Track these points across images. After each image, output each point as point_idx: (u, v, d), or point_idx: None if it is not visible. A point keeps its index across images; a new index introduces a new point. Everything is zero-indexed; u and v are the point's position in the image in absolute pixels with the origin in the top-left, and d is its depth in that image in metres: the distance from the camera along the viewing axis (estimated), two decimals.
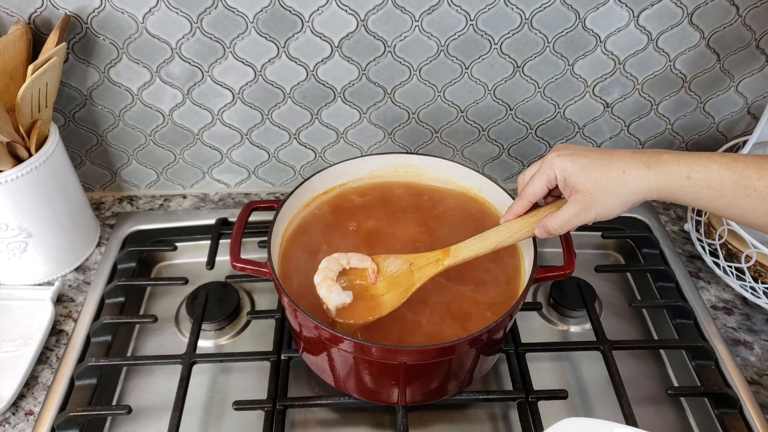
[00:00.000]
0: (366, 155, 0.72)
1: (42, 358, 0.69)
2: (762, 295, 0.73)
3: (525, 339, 0.70)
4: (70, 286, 0.77)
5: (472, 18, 0.72)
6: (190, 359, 0.67)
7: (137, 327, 0.76)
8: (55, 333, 0.72)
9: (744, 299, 0.77)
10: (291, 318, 0.61)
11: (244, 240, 0.65)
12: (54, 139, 0.71)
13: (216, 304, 0.75)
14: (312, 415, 0.67)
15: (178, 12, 0.70)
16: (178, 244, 0.82)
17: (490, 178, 0.69)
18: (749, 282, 0.73)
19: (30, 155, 0.68)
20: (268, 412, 0.63)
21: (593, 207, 0.53)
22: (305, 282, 0.62)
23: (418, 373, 0.58)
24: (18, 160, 0.67)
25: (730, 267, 0.75)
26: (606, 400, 0.68)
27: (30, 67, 0.63)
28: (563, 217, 0.54)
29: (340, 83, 0.78)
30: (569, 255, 0.62)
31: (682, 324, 0.73)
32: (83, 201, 0.79)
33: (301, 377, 0.70)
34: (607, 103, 0.83)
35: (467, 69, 0.78)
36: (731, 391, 0.65)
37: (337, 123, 0.83)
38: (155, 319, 0.72)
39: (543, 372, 0.71)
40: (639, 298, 0.81)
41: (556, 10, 0.72)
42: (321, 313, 0.59)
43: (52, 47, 0.67)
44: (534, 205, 0.59)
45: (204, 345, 0.74)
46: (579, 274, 0.77)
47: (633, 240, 0.85)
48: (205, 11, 0.70)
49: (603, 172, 0.52)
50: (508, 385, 0.68)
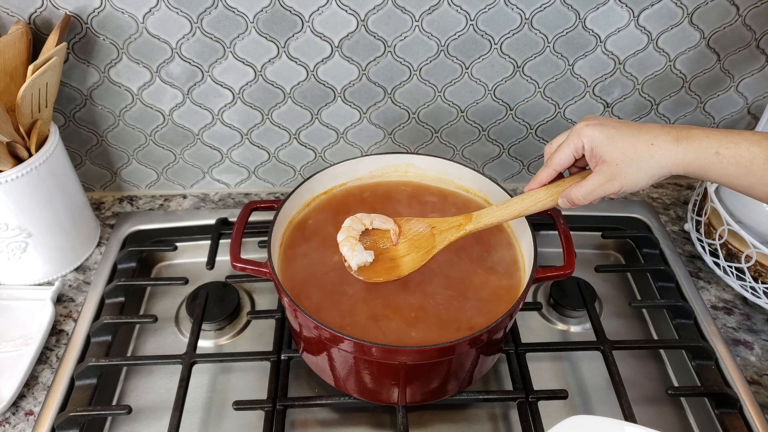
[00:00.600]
0: (366, 155, 0.72)
1: (42, 358, 0.69)
2: (762, 295, 0.73)
3: (525, 339, 0.70)
4: (70, 286, 0.77)
5: (472, 18, 0.72)
6: (190, 359, 0.67)
7: (137, 327, 0.76)
8: (55, 333, 0.72)
9: (744, 299, 0.77)
10: (291, 318, 0.61)
11: (244, 240, 0.65)
12: (54, 139, 0.71)
13: (216, 304, 0.75)
14: (312, 415, 0.67)
15: (178, 12, 0.70)
16: (178, 244, 0.82)
17: (490, 178, 0.69)
18: (749, 282, 0.73)
19: (30, 155, 0.68)
20: (268, 412, 0.63)
21: (618, 178, 0.53)
22: (305, 282, 0.62)
23: (418, 373, 0.58)
24: (18, 160, 0.67)
25: (730, 267, 0.75)
26: (606, 400, 0.68)
27: (30, 67, 0.63)
28: (588, 188, 0.54)
29: (340, 83, 0.78)
30: (569, 255, 0.62)
31: (682, 324, 0.73)
32: (83, 201, 0.79)
33: (301, 377, 0.70)
34: (607, 103, 0.83)
35: (467, 69, 0.78)
36: (731, 391, 0.65)
37: (337, 123, 0.83)
38: (155, 319, 0.72)
39: (543, 372, 0.71)
40: (639, 298, 0.81)
41: (556, 10, 0.72)
42: (321, 313, 0.59)
43: (52, 47, 0.67)
44: (558, 176, 0.59)
45: (204, 345, 0.74)
46: (579, 274, 0.77)
47: (633, 240, 0.85)
48: (205, 11, 0.70)
49: (631, 143, 0.52)
50: (508, 385, 0.68)
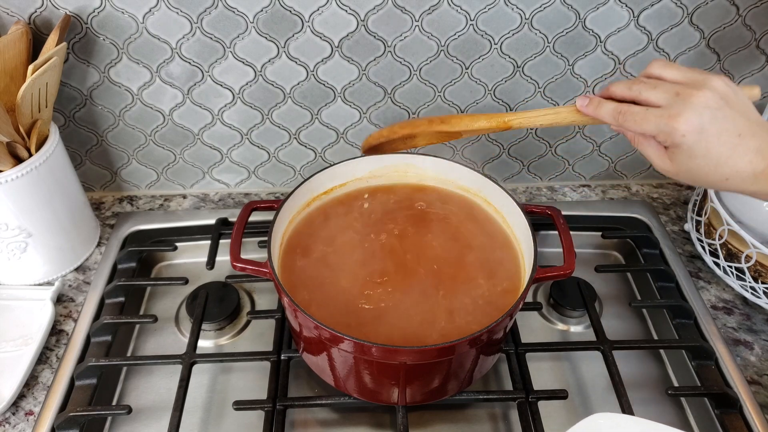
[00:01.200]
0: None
1: (42, 358, 0.69)
2: (762, 295, 0.73)
3: (525, 339, 0.70)
4: (70, 286, 0.77)
5: (472, 18, 0.72)
6: (190, 359, 0.67)
7: (137, 327, 0.76)
8: (55, 333, 0.72)
9: (744, 299, 0.77)
10: (291, 318, 0.61)
11: (244, 240, 0.65)
12: (54, 139, 0.71)
13: (216, 304, 0.75)
14: (312, 415, 0.67)
15: (178, 12, 0.70)
16: (178, 244, 0.82)
17: (490, 178, 0.69)
18: (749, 282, 0.73)
19: (30, 155, 0.68)
20: (268, 412, 0.63)
21: (670, 175, 0.50)
22: (305, 282, 0.62)
23: (418, 373, 0.58)
24: (18, 160, 0.67)
25: (730, 267, 0.75)
26: (606, 400, 0.68)
27: (30, 67, 0.63)
28: (641, 149, 0.51)
29: (340, 83, 0.78)
30: (569, 255, 0.62)
31: (682, 324, 0.73)
32: (83, 201, 0.79)
33: (301, 377, 0.70)
34: None
35: (467, 69, 0.78)
36: (731, 391, 0.65)
37: (337, 123, 0.83)
38: (155, 319, 0.72)
39: (543, 372, 0.71)
40: (639, 298, 0.81)
41: (556, 10, 0.72)
42: (321, 313, 0.59)
43: (52, 47, 0.67)
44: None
45: (204, 345, 0.74)
46: (579, 274, 0.77)
47: (633, 240, 0.85)
48: (205, 11, 0.70)
49: (705, 172, 0.48)
50: (508, 385, 0.68)
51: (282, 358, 0.68)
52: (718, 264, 0.76)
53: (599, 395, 0.69)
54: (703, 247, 0.79)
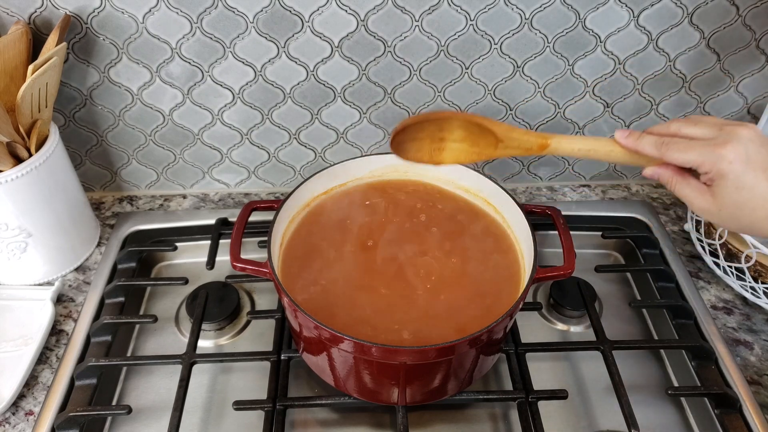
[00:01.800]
0: (366, 155, 0.72)
1: (42, 358, 0.69)
2: (762, 295, 0.73)
3: (525, 339, 0.70)
4: (70, 286, 0.77)
5: (472, 18, 0.72)
6: (190, 359, 0.67)
7: (137, 327, 0.76)
8: (55, 333, 0.72)
9: (744, 299, 0.77)
10: (291, 318, 0.61)
11: (244, 240, 0.65)
12: (54, 139, 0.71)
13: (216, 304, 0.75)
14: (312, 415, 0.67)
15: (178, 12, 0.70)
16: (178, 244, 0.82)
17: (490, 178, 0.69)
18: (749, 282, 0.73)
19: (30, 155, 0.68)
20: (268, 412, 0.63)
21: (710, 215, 0.49)
22: (305, 282, 0.62)
23: (418, 373, 0.58)
24: (18, 160, 0.67)
25: (730, 267, 0.75)
26: (606, 400, 0.68)
27: (30, 67, 0.63)
28: (680, 192, 0.50)
29: (340, 83, 0.78)
30: (569, 255, 0.62)
31: (682, 324, 0.73)
32: (83, 201, 0.79)
33: (301, 377, 0.70)
34: (608, 103, 0.83)
35: (467, 69, 0.78)
36: (731, 391, 0.65)
37: (337, 123, 0.83)
38: (155, 319, 0.72)
39: (543, 372, 0.71)
40: (639, 298, 0.81)
41: (556, 10, 0.72)
42: (321, 313, 0.59)
43: (52, 47, 0.67)
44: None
45: (204, 345, 0.74)
46: (579, 274, 0.76)
47: (633, 240, 0.85)
48: (205, 11, 0.70)
49: (752, 206, 0.46)
50: (508, 385, 0.68)
51: (282, 358, 0.68)
52: (718, 264, 0.76)
53: (599, 395, 0.69)
54: (703, 247, 0.79)
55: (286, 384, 0.66)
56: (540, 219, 0.69)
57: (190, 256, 0.84)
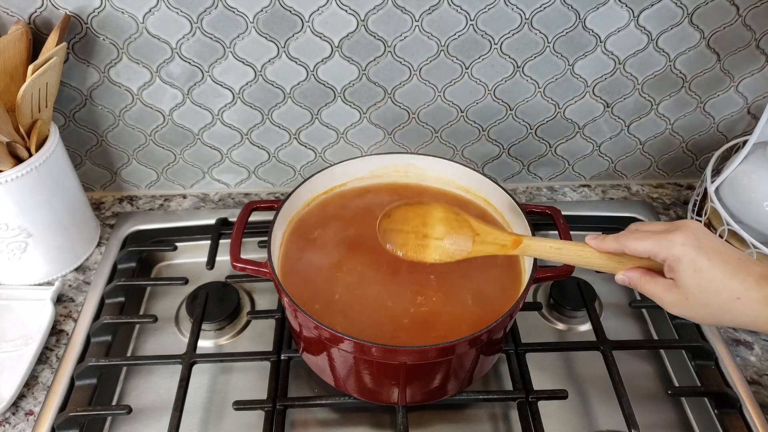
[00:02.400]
0: (366, 155, 0.72)
1: (42, 358, 0.69)
2: None
3: (525, 339, 0.70)
4: (70, 286, 0.77)
5: (472, 18, 0.72)
6: (190, 359, 0.67)
7: (137, 327, 0.76)
8: (55, 333, 0.72)
9: None
10: (291, 318, 0.61)
11: (244, 240, 0.65)
12: (54, 139, 0.71)
13: (216, 304, 0.75)
14: (312, 415, 0.67)
15: (178, 12, 0.70)
16: (178, 244, 0.82)
17: (490, 178, 0.69)
18: None
19: (30, 155, 0.68)
20: (268, 412, 0.63)
21: (681, 308, 0.50)
22: (305, 282, 0.62)
23: (418, 373, 0.58)
24: (18, 160, 0.67)
25: None
26: (606, 400, 0.68)
27: (30, 67, 0.63)
28: (649, 290, 0.52)
29: (340, 83, 0.78)
30: None
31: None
32: (83, 201, 0.79)
33: (301, 377, 0.70)
34: (608, 103, 0.83)
35: (467, 69, 0.78)
36: (731, 391, 0.65)
37: (337, 123, 0.83)
38: (155, 319, 0.72)
39: (543, 372, 0.71)
40: (639, 297, 0.81)
41: (556, 10, 0.72)
42: (321, 313, 0.59)
43: (52, 47, 0.67)
44: None
45: (204, 345, 0.74)
46: (579, 274, 0.76)
47: None
48: (205, 11, 0.70)
49: (715, 289, 0.47)
50: (508, 385, 0.68)
51: (282, 358, 0.68)
52: None
53: (599, 395, 0.69)
54: None
55: (286, 384, 0.66)
56: (540, 219, 0.69)
57: (190, 256, 0.84)
